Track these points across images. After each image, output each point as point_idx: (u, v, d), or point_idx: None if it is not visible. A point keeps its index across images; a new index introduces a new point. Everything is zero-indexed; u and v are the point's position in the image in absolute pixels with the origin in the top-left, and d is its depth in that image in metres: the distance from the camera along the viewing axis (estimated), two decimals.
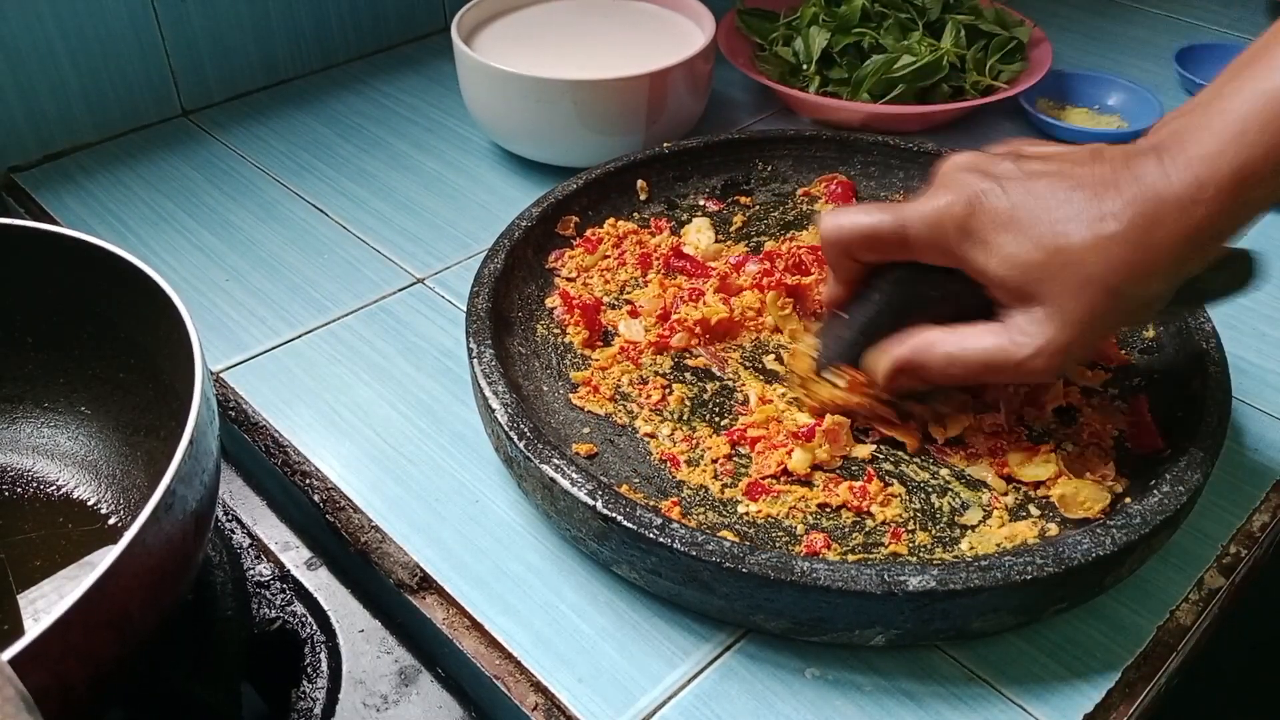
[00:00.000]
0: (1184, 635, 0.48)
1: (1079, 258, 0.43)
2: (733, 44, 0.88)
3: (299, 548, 0.53)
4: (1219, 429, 0.50)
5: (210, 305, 0.67)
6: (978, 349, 0.47)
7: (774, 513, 0.50)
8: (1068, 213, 0.43)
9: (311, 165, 0.80)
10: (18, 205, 0.77)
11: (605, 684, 0.46)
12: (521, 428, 0.49)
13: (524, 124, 0.75)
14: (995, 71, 0.86)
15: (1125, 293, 0.43)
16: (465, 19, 0.79)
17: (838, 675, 0.46)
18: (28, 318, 0.50)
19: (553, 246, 0.65)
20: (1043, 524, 0.50)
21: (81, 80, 0.79)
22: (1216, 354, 0.54)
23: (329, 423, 0.58)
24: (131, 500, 0.50)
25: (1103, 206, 0.43)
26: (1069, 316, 0.44)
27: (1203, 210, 0.41)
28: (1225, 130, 0.41)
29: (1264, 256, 0.48)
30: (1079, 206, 0.43)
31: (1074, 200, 0.43)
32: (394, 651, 0.48)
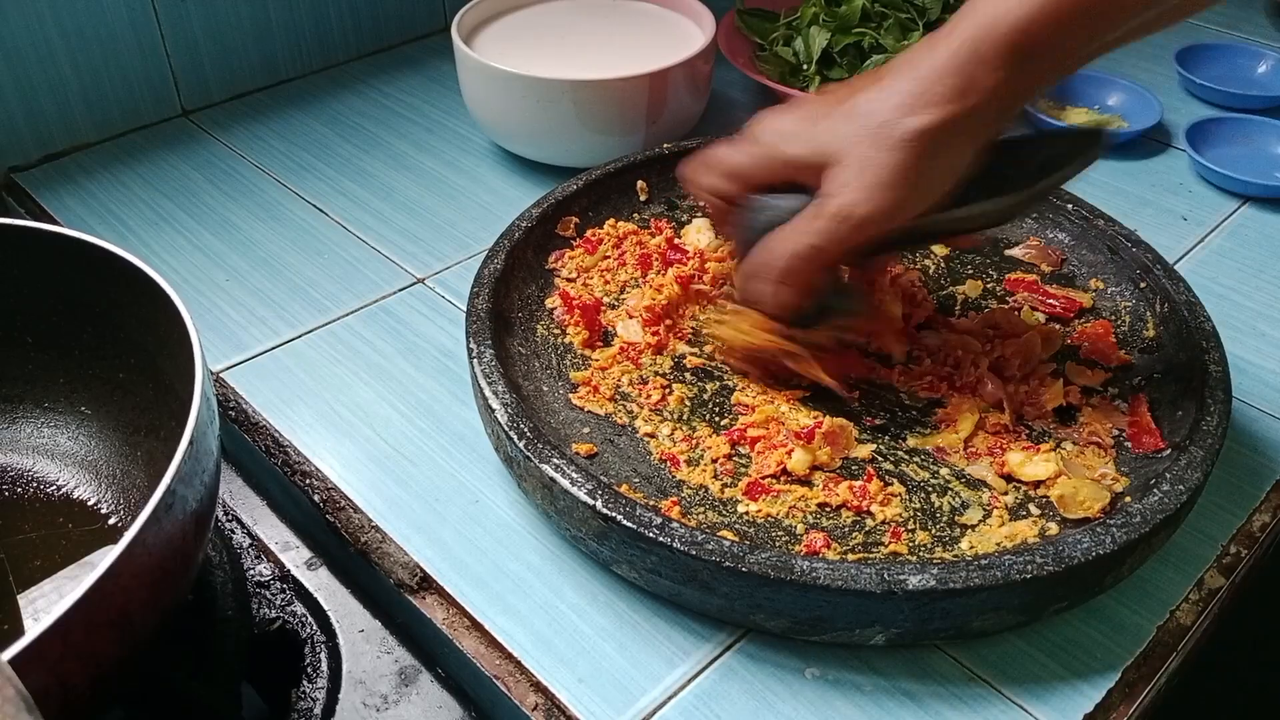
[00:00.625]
0: (1184, 635, 0.48)
1: (878, 116, 0.47)
2: (733, 44, 0.88)
3: (299, 548, 0.53)
4: (1219, 429, 0.50)
5: (210, 305, 0.67)
6: (813, 225, 0.49)
7: (774, 512, 0.50)
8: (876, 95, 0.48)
9: (311, 165, 0.80)
10: (18, 205, 0.77)
11: (605, 684, 0.46)
12: (521, 428, 0.49)
13: (524, 124, 0.75)
14: None
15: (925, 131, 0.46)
16: (465, 19, 0.79)
17: (838, 675, 0.46)
18: (28, 318, 0.50)
19: (553, 247, 0.65)
20: (1043, 523, 0.50)
21: (81, 80, 0.79)
22: (1216, 354, 0.54)
23: (329, 423, 0.58)
24: (131, 500, 0.50)
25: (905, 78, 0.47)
26: (875, 163, 0.47)
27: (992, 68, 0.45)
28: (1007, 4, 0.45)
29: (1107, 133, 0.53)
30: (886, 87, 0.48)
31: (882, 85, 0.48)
32: (394, 651, 0.48)
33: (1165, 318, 0.59)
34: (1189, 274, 0.67)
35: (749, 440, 0.53)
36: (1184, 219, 0.76)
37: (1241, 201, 0.78)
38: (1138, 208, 0.77)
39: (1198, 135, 0.81)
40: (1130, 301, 0.62)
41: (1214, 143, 0.82)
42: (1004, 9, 0.45)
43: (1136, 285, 0.62)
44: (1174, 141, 0.84)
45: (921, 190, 0.48)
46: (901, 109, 0.47)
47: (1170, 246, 0.72)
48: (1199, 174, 0.80)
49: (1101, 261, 0.65)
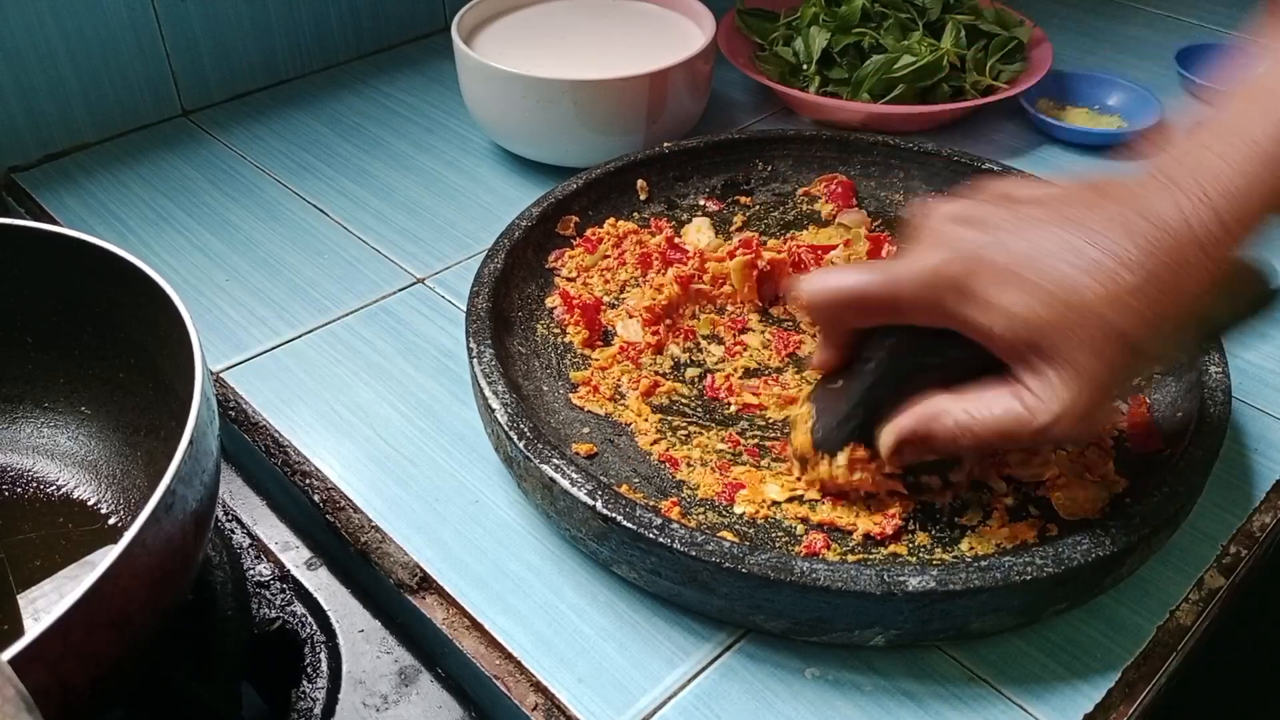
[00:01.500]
0: (1184, 635, 0.48)
1: (1095, 313, 0.39)
2: (733, 44, 0.88)
3: (299, 548, 0.53)
4: (1219, 429, 0.50)
5: (210, 305, 0.67)
6: (990, 417, 0.42)
7: (774, 513, 0.50)
8: (1078, 264, 0.39)
9: (311, 165, 0.80)
10: (18, 205, 0.77)
11: (605, 684, 0.46)
12: (521, 428, 0.49)
13: (524, 124, 0.75)
14: (995, 71, 0.86)
15: (1147, 345, 0.40)
16: (465, 19, 0.79)
17: (838, 675, 0.46)
18: (28, 318, 0.50)
19: (553, 246, 0.65)
20: (1042, 524, 0.50)
21: (81, 80, 0.79)
22: (1216, 354, 0.54)
23: (329, 423, 0.58)
24: (131, 500, 0.50)
25: (1117, 255, 0.39)
26: (1087, 375, 0.40)
27: (1224, 249, 0.38)
28: (1247, 163, 0.37)
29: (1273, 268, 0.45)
30: (1090, 257, 0.39)
31: (1083, 251, 0.39)
32: (394, 651, 0.48)
33: None
34: None
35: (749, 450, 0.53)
36: None
37: None
38: None
39: None
40: None
41: None
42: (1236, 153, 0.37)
43: None
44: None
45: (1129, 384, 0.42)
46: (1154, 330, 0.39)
47: None
48: None
49: None
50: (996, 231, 0.42)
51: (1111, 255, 0.39)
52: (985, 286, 0.41)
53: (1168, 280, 0.38)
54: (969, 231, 0.42)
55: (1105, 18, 1.05)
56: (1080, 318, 0.39)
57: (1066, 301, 0.39)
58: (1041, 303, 0.40)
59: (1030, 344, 0.40)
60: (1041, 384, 0.41)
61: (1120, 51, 0.99)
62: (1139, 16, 1.06)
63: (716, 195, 0.71)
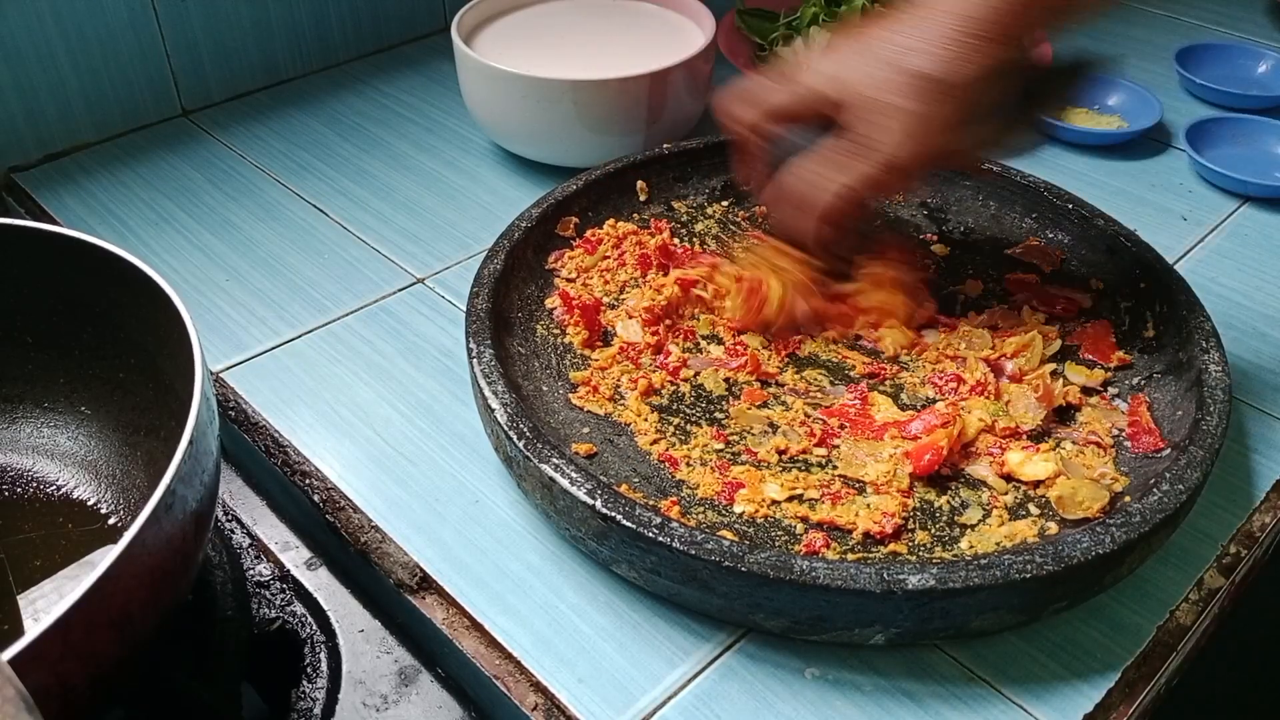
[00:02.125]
0: (1184, 635, 0.48)
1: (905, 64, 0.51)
2: (733, 44, 0.88)
3: (299, 548, 0.53)
4: (1219, 429, 0.50)
5: (210, 305, 0.67)
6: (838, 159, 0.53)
7: (774, 512, 0.50)
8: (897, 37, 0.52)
9: (311, 165, 0.80)
10: (18, 205, 0.77)
11: (605, 684, 0.46)
12: (521, 428, 0.49)
13: (524, 124, 0.75)
14: None
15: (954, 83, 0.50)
16: (465, 19, 0.79)
17: (838, 675, 0.46)
18: (28, 318, 0.50)
19: (552, 247, 0.65)
20: (1042, 523, 0.50)
21: (81, 80, 0.79)
22: (1216, 354, 0.54)
23: (329, 423, 0.58)
24: (131, 500, 0.50)
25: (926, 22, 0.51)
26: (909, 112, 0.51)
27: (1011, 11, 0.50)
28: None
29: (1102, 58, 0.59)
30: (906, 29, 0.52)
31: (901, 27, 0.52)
32: (394, 651, 0.48)
33: (1165, 318, 0.59)
34: (1189, 274, 0.67)
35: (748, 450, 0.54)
36: (1184, 219, 0.76)
37: (1241, 201, 0.78)
38: (1138, 208, 0.77)
39: (1198, 135, 0.81)
40: (1130, 301, 0.62)
41: (1214, 143, 0.82)
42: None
43: (1136, 285, 0.62)
44: (1174, 141, 0.84)
45: (951, 130, 0.52)
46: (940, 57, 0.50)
47: (1170, 246, 0.72)
48: (1199, 174, 0.80)
49: (1101, 261, 0.65)
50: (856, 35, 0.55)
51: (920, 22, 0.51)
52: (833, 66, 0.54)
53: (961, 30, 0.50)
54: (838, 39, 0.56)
55: (1105, 18, 1.05)
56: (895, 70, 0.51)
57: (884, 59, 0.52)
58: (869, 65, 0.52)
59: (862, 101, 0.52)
60: (879, 130, 0.52)
61: (1120, 51, 0.99)
62: (1139, 16, 1.06)
63: (716, 196, 0.71)
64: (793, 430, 0.54)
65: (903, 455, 0.52)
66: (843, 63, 0.54)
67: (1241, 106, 0.87)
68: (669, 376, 0.57)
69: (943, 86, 0.51)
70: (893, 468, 0.51)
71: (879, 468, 0.52)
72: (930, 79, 0.51)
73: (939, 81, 0.50)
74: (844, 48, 0.54)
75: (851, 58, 0.53)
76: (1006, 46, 0.51)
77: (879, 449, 0.53)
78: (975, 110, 0.52)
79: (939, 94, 0.51)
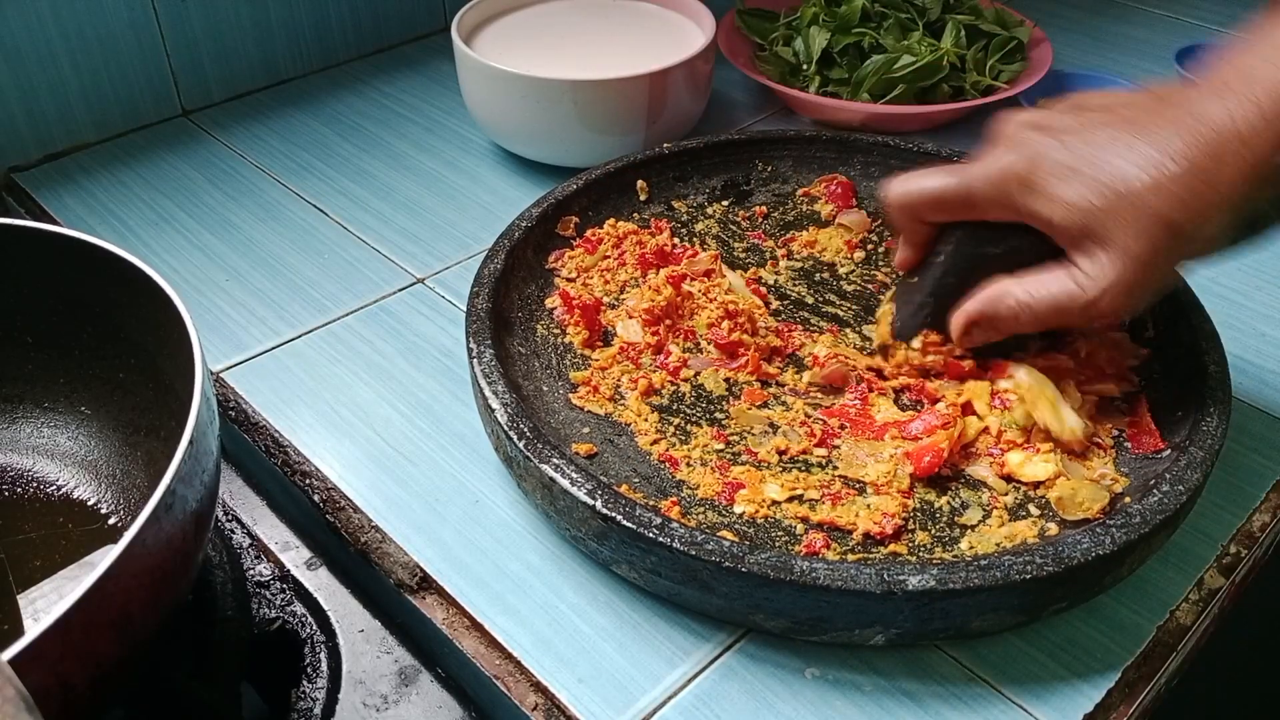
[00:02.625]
0: (1184, 635, 0.48)
1: (1140, 199, 0.44)
2: (733, 44, 0.88)
3: (299, 548, 0.53)
4: (1219, 429, 0.50)
5: (210, 305, 0.67)
6: (1045, 294, 0.48)
7: (774, 513, 0.50)
8: (1130, 158, 0.44)
9: (311, 165, 0.80)
10: (18, 205, 0.77)
11: (605, 684, 0.46)
12: (521, 428, 0.49)
13: (524, 124, 0.75)
14: (995, 71, 0.86)
15: (1187, 229, 0.44)
16: (465, 19, 0.79)
17: (838, 675, 0.46)
18: (28, 318, 0.50)
19: (553, 247, 0.65)
20: (1042, 524, 0.50)
21: (81, 80, 0.79)
22: (1216, 354, 0.54)
23: (329, 423, 0.58)
24: (131, 500, 0.50)
25: (1165, 149, 0.43)
26: (1132, 255, 0.45)
27: (1264, 142, 0.42)
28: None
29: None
30: (1141, 152, 0.44)
31: (1135, 146, 0.44)
32: (394, 651, 0.48)
33: (1165, 318, 0.59)
34: (1189, 274, 0.66)
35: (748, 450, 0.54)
36: None
37: None
38: None
39: None
40: None
41: None
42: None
43: None
44: None
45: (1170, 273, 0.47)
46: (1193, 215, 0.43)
47: None
48: None
49: None
50: (1061, 134, 0.47)
51: (1160, 149, 0.44)
52: (1048, 181, 0.46)
53: (1208, 169, 0.43)
54: (1037, 135, 0.47)
55: (1105, 18, 1.06)
56: (1127, 204, 0.44)
57: (1116, 190, 0.44)
58: (1095, 193, 0.45)
59: (1085, 229, 0.46)
60: (1092, 263, 0.46)
61: (1120, 51, 0.99)
62: (1139, 16, 1.06)
63: (716, 196, 0.71)
64: (793, 430, 0.54)
65: (903, 456, 0.52)
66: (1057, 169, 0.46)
67: None
68: (669, 376, 0.57)
69: (1183, 234, 0.43)
70: (893, 468, 0.51)
71: (879, 468, 0.52)
72: (1172, 225, 0.43)
73: (1179, 229, 0.43)
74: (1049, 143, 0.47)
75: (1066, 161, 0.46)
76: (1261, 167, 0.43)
77: (879, 449, 0.53)
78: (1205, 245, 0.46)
79: (1177, 240, 0.44)
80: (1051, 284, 0.48)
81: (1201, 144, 0.43)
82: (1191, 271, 0.56)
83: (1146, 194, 0.44)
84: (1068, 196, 0.46)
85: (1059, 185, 0.46)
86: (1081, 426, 0.52)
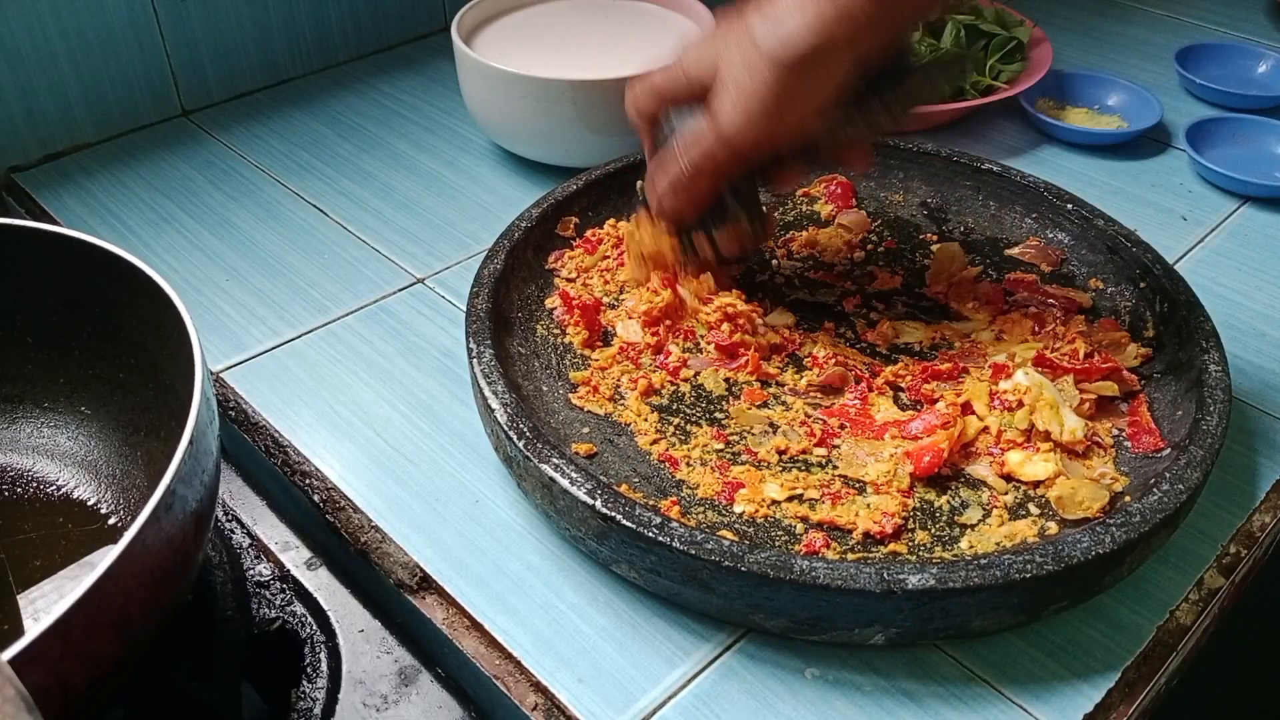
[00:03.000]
0: (1184, 635, 0.48)
1: (753, 42, 0.51)
2: None
3: (299, 548, 0.53)
4: (1219, 429, 0.50)
5: (210, 305, 0.67)
6: (688, 134, 0.54)
7: (773, 512, 0.50)
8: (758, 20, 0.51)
9: (311, 165, 0.80)
10: (18, 205, 0.77)
11: (605, 684, 0.46)
12: (521, 428, 0.49)
13: (524, 124, 0.75)
14: (995, 71, 0.86)
15: (785, 58, 0.50)
16: (465, 19, 0.79)
17: (838, 675, 0.46)
18: (28, 318, 0.50)
19: (553, 247, 0.65)
20: (1042, 523, 0.50)
21: (81, 80, 0.79)
22: (1216, 354, 0.54)
23: (329, 423, 0.58)
24: (131, 500, 0.50)
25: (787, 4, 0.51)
26: (739, 84, 0.51)
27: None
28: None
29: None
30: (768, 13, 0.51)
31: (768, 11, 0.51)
32: (394, 651, 0.48)
33: (1165, 318, 0.59)
34: (1189, 274, 0.67)
35: (748, 450, 0.54)
36: (1184, 219, 0.76)
37: (1241, 201, 0.78)
38: (1138, 208, 0.77)
39: (1198, 135, 0.81)
40: (1130, 301, 0.62)
41: (1214, 143, 0.82)
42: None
43: (1136, 285, 0.62)
44: (1174, 141, 0.84)
45: (791, 113, 0.52)
46: (775, 28, 0.50)
47: (1170, 246, 0.72)
48: (1199, 174, 0.80)
49: (1101, 261, 0.65)
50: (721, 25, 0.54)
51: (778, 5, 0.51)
52: (697, 47, 0.55)
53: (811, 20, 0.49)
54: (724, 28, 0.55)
55: (1105, 18, 1.06)
56: (738, 47, 0.52)
57: (734, 38, 0.52)
58: (721, 45, 0.53)
59: (705, 72, 0.53)
60: (714, 101, 0.53)
61: (1120, 51, 0.99)
62: (1139, 16, 1.06)
63: None
64: (793, 430, 0.54)
65: (903, 455, 0.52)
66: (709, 42, 0.54)
67: (1241, 106, 0.87)
68: (669, 376, 0.57)
69: (780, 64, 0.50)
70: (893, 467, 0.51)
71: (879, 468, 0.52)
72: (769, 57, 0.50)
73: (777, 59, 0.50)
74: (718, 27, 0.55)
75: (717, 38, 0.54)
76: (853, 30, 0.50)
77: (879, 449, 0.53)
78: (823, 86, 0.51)
79: (777, 71, 0.50)
80: (691, 123, 0.54)
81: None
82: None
83: (760, 39, 0.50)
84: (702, 51, 0.54)
85: (702, 47, 0.54)
86: (1082, 427, 0.52)
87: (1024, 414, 0.53)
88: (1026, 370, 0.54)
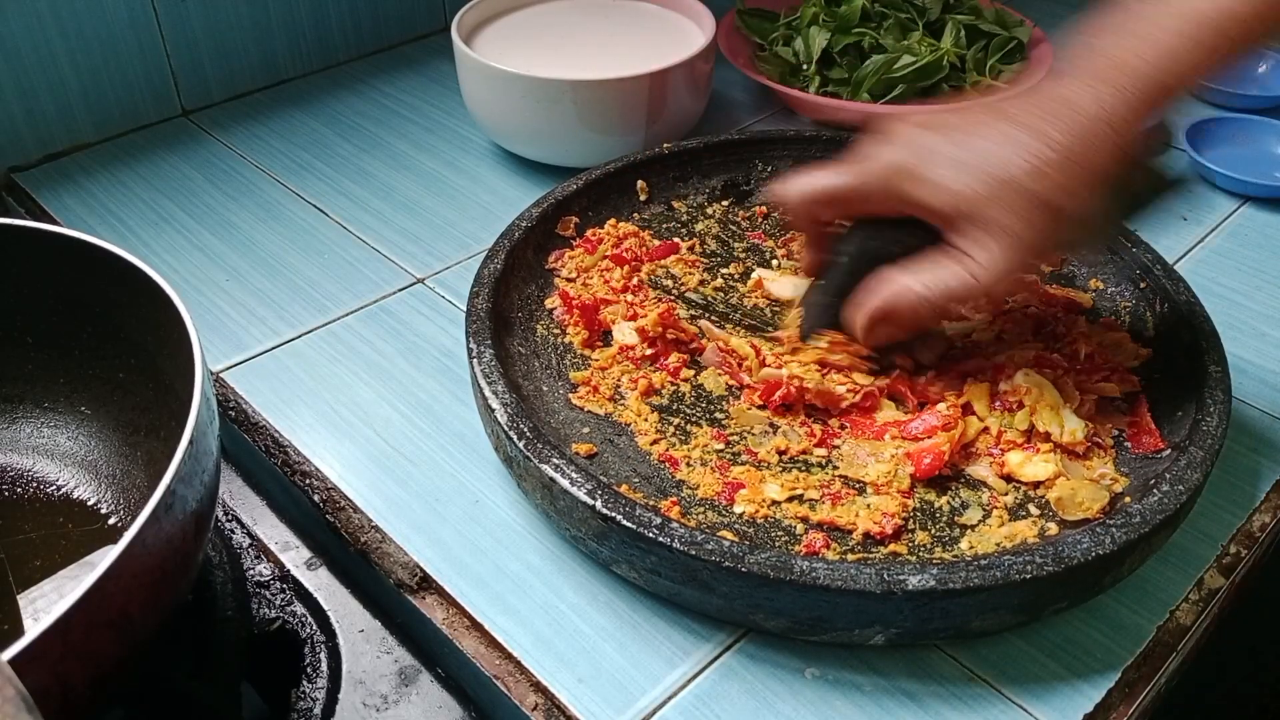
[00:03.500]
0: (1184, 635, 0.48)
1: (1020, 183, 0.46)
2: (733, 44, 0.88)
3: (299, 548, 0.53)
4: (1219, 429, 0.50)
5: (210, 305, 0.67)
6: (941, 286, 0.49)
7: (774, 513, 0.50)
8: (1010, 147, 0.47)
9: (311, 165, 0.80)
10: (18, 205, 0.77)
11: (605, 684, 0.46)
12: (521, 428, 0.49)
13: (524, 124, 0.75)
14: (995, 71, 0.86)
15: (1066, 209, 0.47)
16: (465, 19, 0.79)
17: (838, 675, 0.46)
18: (28, 318, 0.50)
19: (553, 247, 0.65)
20: (1042, 523, 0.50)
21: (81, 80, 0.79)
22: (1216, 354, 0.54)
23: (329, 423, 0.58)
24: (131, 500, 0.50)
25: (1042, 137, 0.46)
26: (1016, 237, 0.47)
27: (1129, 126, 0.46)
28: (1155, 56, 0.46)
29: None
30: (1020, 141, 0.47)
31: (1014, 136, 0.47)
32: (394, 651, 0.48)
33: (1165, 318, 0.59)
34: (1189, 274, 0.67)
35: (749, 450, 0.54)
36: (1184, 219, 0.76)
37: (1241, 201, 0.78)
38: None
39: (1198, 135, 0.81)
40: (1130, 301, 0.62)
41: (1214, 143, 0.82)
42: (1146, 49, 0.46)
43: (1136, 285, 0.62)
44: (1174, 141, 0.84)
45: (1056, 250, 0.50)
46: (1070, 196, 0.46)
47: (1170, 246, 0.72)
48: (1199, 174, 0.80)
49: (1101, 261, 0.65)
50: (944, 130, 0.49)
51: (1037, 137, 0.47)
52: (933, 170, 0.48)
53: (1081, 153, 0.46)
54: (921, 131, 0.50)
55: None
56: (1009, 189, 0.47)
57: (998, 177, 0.47)
58: (978, 179, 0.47)
59: (969, 215, 0.48)
60: (979, 248, 0.48)
61: None
62: None
63: (717, 196, 0.71)
64: (793, 430, 0.54)
65: (903, 456, 0.52)
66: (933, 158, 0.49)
67: (1241, 106, 0.88)
68: (669, 376, 0.57)
69: (1062, 215, 0.46)
70: (893, 468, 0.51)
71: (879, 468, 0.52)
72: (1050, 206, 0.46)
73: (1058, 210, 0.46)
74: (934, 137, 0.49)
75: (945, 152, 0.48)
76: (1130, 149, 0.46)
77: (879, 449, 0.53)
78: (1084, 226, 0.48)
79: (1057, 221, 0.46)
80: (946, 275, 0.49)
81: (1075, 131, 0.46)
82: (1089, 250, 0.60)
83: (1026, 179, 0.46)
84: (952, 184, 0.48)
85: (943, 173, 0.48)
86: (1082, 428, 0.52)
87: (1024, 415, 0.53)
88: (1027, 371, 0.54)
